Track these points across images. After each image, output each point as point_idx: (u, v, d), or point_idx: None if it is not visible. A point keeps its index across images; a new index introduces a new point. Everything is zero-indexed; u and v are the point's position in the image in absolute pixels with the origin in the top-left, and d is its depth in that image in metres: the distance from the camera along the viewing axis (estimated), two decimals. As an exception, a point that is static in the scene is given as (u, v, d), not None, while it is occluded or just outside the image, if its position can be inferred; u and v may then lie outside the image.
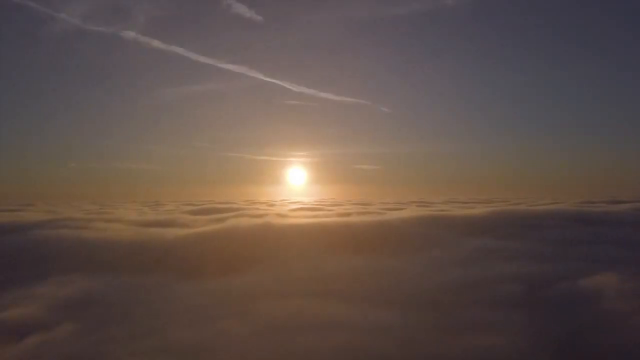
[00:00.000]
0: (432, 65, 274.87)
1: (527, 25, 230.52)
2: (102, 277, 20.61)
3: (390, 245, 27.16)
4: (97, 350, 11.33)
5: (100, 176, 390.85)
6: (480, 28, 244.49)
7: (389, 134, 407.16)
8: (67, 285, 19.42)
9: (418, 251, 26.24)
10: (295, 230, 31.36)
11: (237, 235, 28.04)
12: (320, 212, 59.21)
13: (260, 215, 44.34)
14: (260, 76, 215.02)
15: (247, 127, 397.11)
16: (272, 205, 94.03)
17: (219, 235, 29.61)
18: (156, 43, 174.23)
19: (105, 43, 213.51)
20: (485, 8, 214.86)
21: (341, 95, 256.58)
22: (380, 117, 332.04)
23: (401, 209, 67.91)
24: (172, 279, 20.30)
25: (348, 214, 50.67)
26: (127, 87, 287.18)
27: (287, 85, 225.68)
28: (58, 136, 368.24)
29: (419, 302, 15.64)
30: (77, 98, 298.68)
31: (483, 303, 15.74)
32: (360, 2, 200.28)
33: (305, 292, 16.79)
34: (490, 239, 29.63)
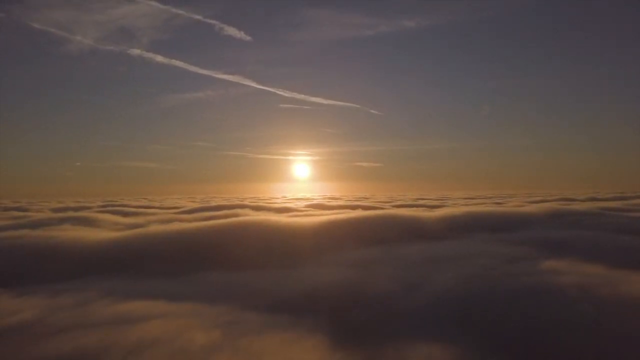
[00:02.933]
0: (402, 75, 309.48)
1: (469, 39, 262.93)
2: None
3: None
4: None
5: (106, 175, 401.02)
6: (435, 45, 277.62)
7: (383, 134, 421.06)
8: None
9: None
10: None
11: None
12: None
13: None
14: (254, 84, 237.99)
15: (246, 129, 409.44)
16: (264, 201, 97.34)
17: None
18: (159, 58, 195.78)
19: (114, 59, 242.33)
20: (439, 30, 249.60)
21: (330, 99, 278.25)
22: (371, 118, 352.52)
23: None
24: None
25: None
26: (133, 95, 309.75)
27: (279, 91, 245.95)
28: (67, 139, 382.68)
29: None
30: (89, 105, 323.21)
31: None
32: (334, 25, 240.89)
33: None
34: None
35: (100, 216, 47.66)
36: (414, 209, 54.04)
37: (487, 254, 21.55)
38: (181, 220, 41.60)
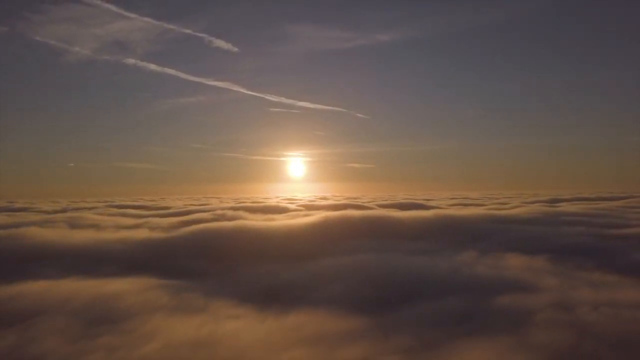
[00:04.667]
0: (383, 83, 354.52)
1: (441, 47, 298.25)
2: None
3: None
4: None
5: (100, 175, 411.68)
6: (410, 56, 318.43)
7: (372, 136, 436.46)
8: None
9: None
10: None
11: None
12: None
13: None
14: (243, 90, 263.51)
15: (239, 131, 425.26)
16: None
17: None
18: (153, 67, 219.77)
19: (110, 68, 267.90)
20: (409, 44, 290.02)
21: (317, 104, 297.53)
22: (358, 122, 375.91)
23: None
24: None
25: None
26: (128, 101, 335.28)
27: (267, 96, 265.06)
28: (65, 141, 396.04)
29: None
30: (87, 109, 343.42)
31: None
32: (314, 38, 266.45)
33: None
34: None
35: (108, 218, 52.33)
36: (387, 209, 58.58)
37: (415, 248, 26.38)
38: (177, 224, 46.00)
